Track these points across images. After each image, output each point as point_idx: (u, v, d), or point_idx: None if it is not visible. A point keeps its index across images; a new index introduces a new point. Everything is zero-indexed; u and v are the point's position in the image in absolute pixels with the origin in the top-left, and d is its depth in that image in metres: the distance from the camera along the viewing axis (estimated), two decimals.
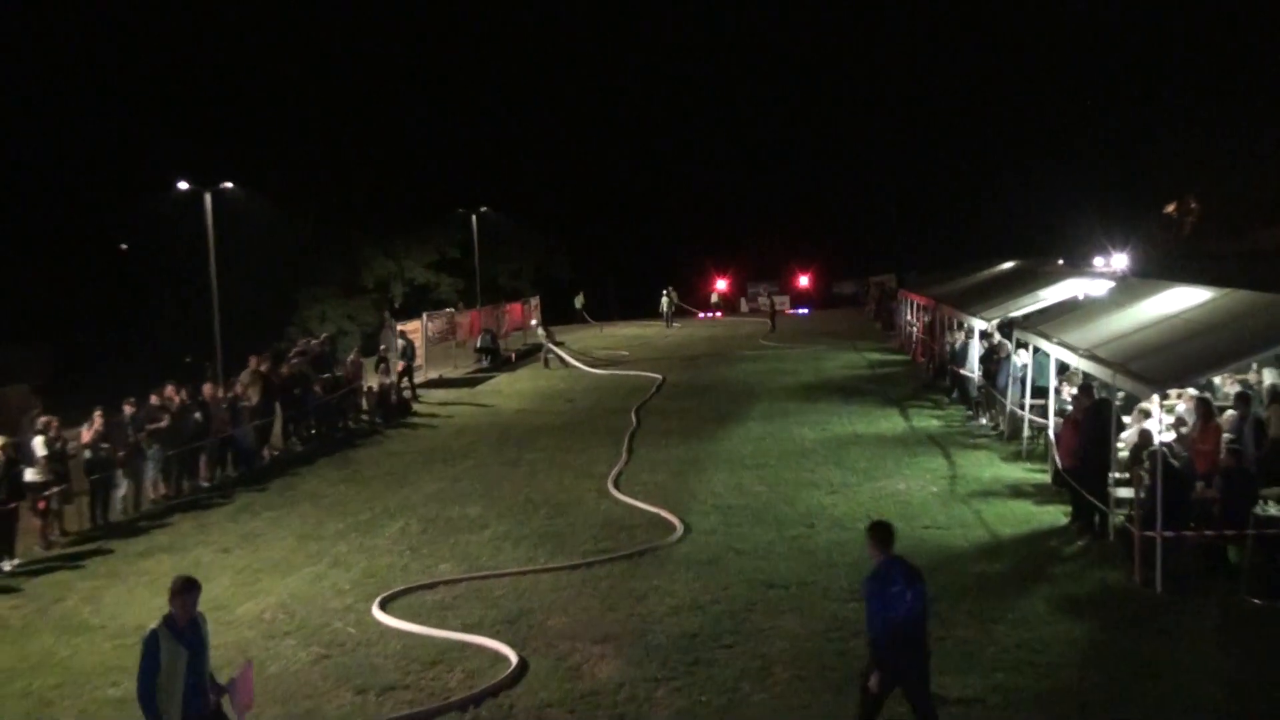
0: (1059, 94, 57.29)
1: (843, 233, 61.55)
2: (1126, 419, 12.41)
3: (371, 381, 22.22)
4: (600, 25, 71.65)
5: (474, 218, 45.26)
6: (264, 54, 50.48)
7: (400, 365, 23.22)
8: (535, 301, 41.69)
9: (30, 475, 12.93)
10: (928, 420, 18.58)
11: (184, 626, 5.91)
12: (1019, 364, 15.84)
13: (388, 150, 51.98)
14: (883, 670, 6.31)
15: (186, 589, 5.98)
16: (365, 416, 21.39)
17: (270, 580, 11.17)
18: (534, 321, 31.37)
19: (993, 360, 17.61)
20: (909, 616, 6.31)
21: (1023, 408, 15.34)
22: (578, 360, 29.61)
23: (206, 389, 16.69)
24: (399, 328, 27.03)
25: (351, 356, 22.77)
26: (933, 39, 67.35)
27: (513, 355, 30.88)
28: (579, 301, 48.86)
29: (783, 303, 51.10)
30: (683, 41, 74.31)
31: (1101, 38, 53.13)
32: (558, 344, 30.66)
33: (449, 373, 29.11)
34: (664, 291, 42.97)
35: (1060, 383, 14.24)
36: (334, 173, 48.51)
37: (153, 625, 5.98)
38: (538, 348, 35.89)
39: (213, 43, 51.09)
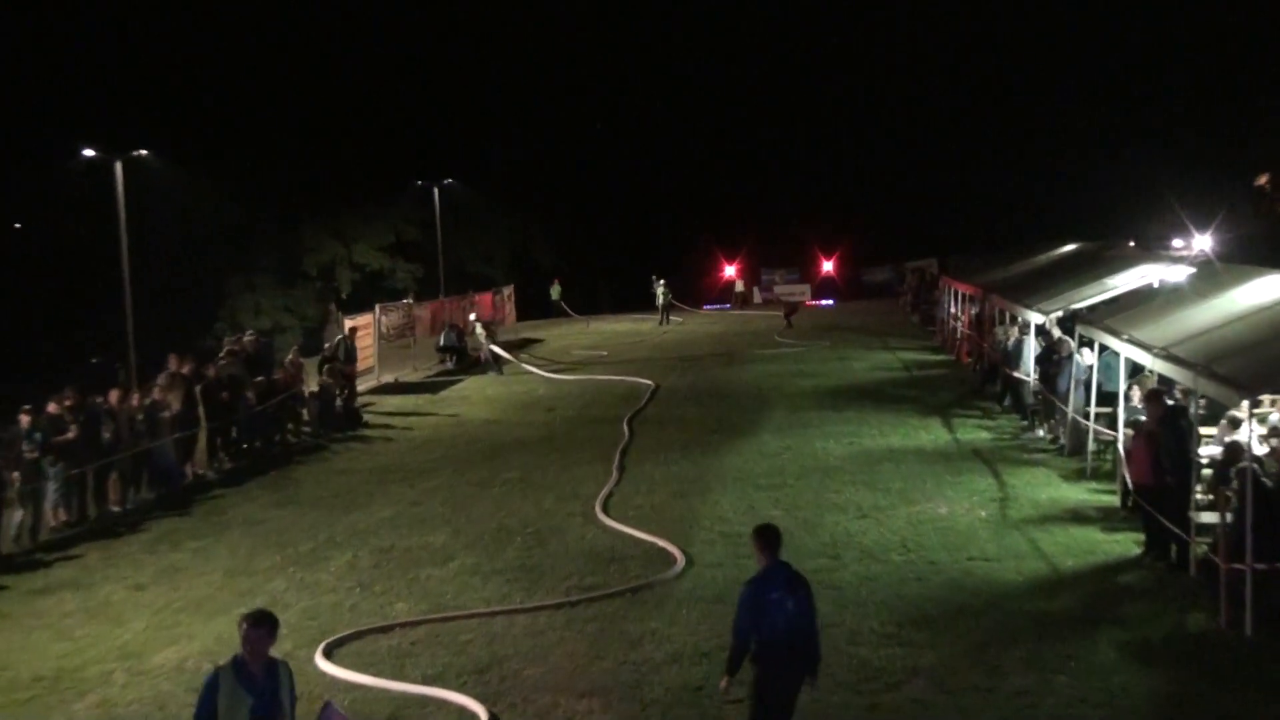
0: (1128, 49, 57.38)
1: (874, 210, 61.53)
2: (1211, 430, 12.43)
3: (314, 385, 22.17)
4: None
5: (436, 191, 45.28)
6: None
7: (349, 368, 23.16)
8: (509, 292, 41.75)
9: None
10: (975, 432, 18.61)
11: (255, 670, 5.94)
12: (1083, 365, 15.86)
13: (334, 112, 51.97)
14: (731, 676, 7.12)
15: (254, 624, 6.00)
16: (307, 428, 21.34)
17: (193, 622, 11.13)
18: (472, 317, 30.68)
19: (1051, 361, 17.63)
20: (791, 627, 6.94)
21: (1087, 417, 15.37)
22: (531, 364, 29.38)
23: (116, 395, 16.63)
24: (347, 323, 27.02)
25: (290, 356, 22.71)
26: None
27: (481, 355, 30.81)
28: (555, 292, 48.95)
29: (802, 293, 51.17)
30: None
31: None
32: (501, 345, 30.34)
33: (406, 376, 29.06)
34: (659, 282, 42.91)
35: (1131, 387, 14.26)
36: (270, 139, 48.45)
37: (219, 663, 6.06)
38: (516, 346, 35.88)
39: None
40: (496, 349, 29.47)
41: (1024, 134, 60.21)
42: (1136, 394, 14.03)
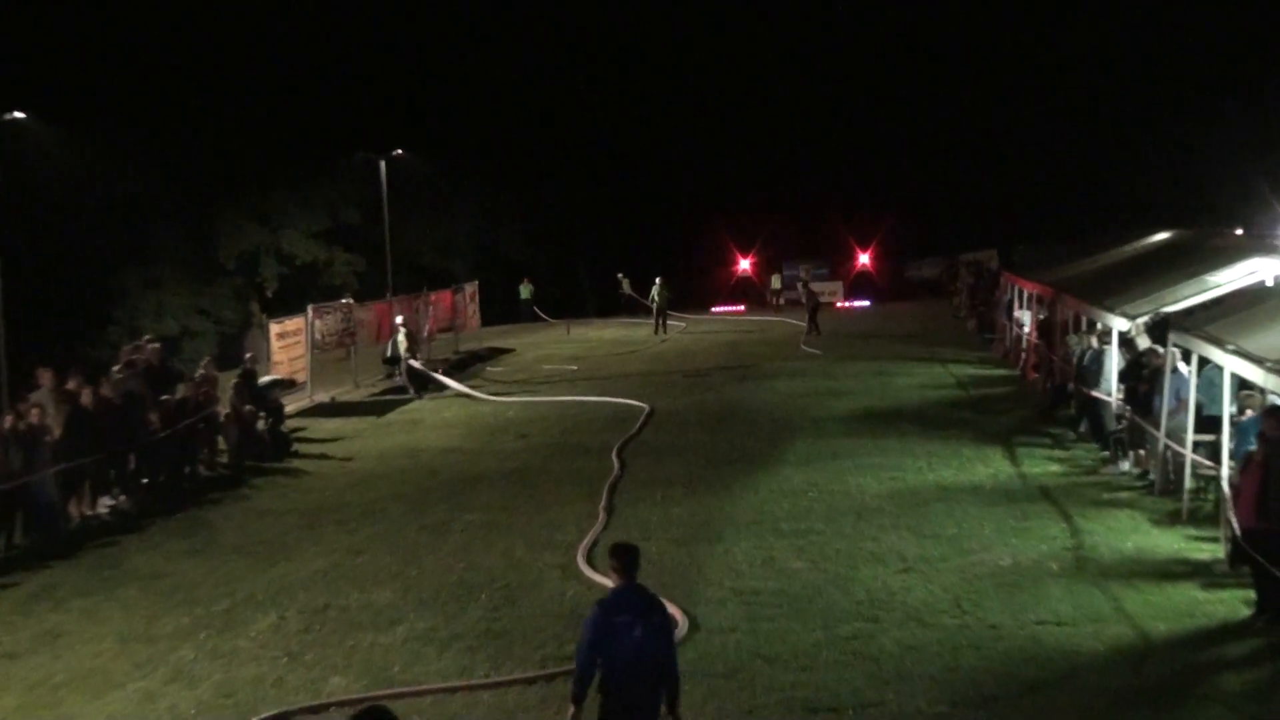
0: None
1: (920, 191, 61.65)
2: None
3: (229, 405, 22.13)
4: None
5: (383, 165, 45.27)
6: None
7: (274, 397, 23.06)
8: (472, 290, 41.73)
9: None
10: (1044, 465, 18.63)
11: None
12: (1180, 382, 15.88)
13: (257, 66, 51.86)
14: (577, 705, 7.86)
15: None
16: (223, 458, 21.30)
17: (78, 700, 11.07)
18: (399, 319, 30.42)
19: (1139, 377, 17.66)
20: (639, 653, 7.73)
21: (1184, 446, 15.37)
22: (473, 390, 28.97)
23: None
24: (272, 327, 26.99)
25: (202, 369, 22.68)
26: None
27: (440, 367, 30.81)
28: (525, 292, 49.13)
29: (833, 291, 51.25)
30: None
31: None
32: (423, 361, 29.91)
33: (345, 394, 29.03)
34: (655, 283, 42.92)
35: (1241, 411, 14.26)
36: (178, 99, 48.40)
37: None
38: (481, 357, 35.88)
39: None
40: (416, 364, 28.94)
41: (1104, 97, 60.24)
42: (1249, 416, 14.02)
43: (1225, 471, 13.65)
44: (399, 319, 30.14)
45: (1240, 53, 55.65)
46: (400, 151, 47.37)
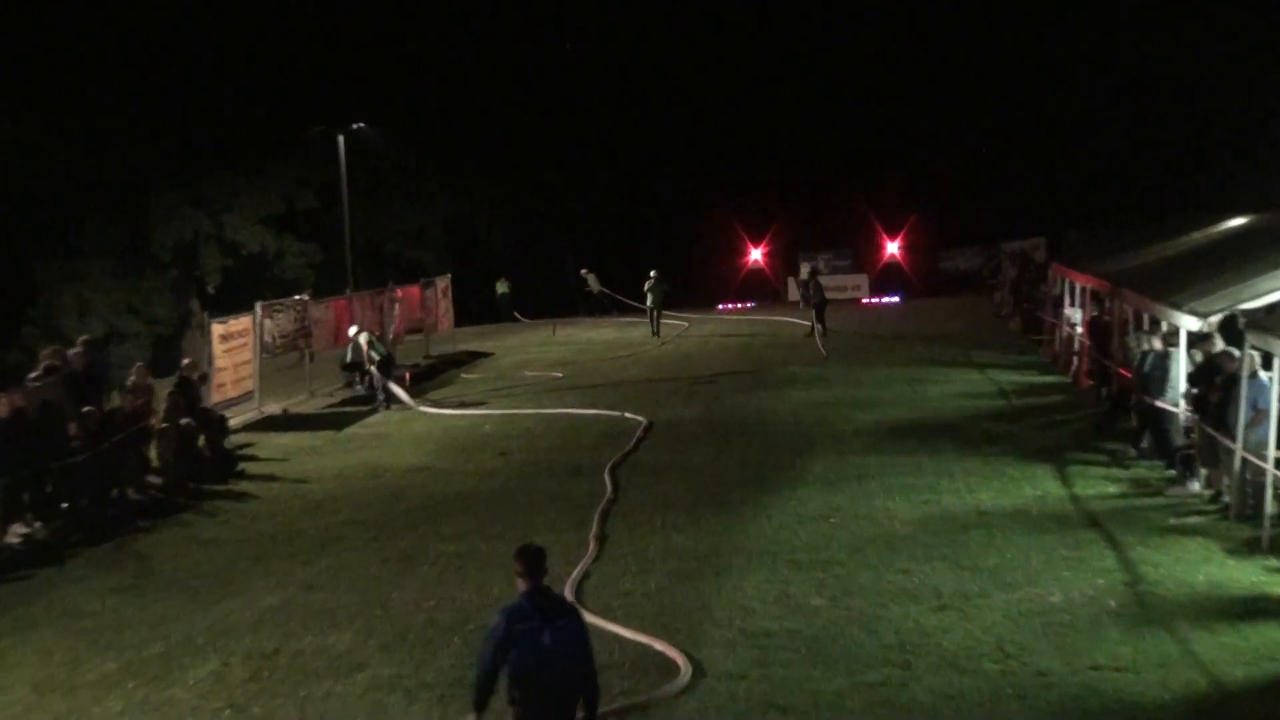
0: None
1: (957, 172, 61.60)
2: None
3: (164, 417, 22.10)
4: None
5: (341, 140, 45.22)
6: None
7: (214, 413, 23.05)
8: (444, 284, 41.69)
9: None
10: (1099, 485, 18.61)
11: None
12: (1262, 387, 15.85)
13: (196, 29, 51.87)
14: (475, 710, 8.55)
15: None
16: (158, 479, 21.24)
17: None
18: (352, 330, 29.98)
19: (1212, 383, 17.63)
20: (548, 661, 8.27)
21: (1265, 463, 15.34)
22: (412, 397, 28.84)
23: None
24: (214, 328, 26.90)
25: (134, 377, 22.63)
26: None
27: (406, 374, 30.78)
28: (502, 288, 49.19)
29: (856, 285, 51.28)
30: None
31: None
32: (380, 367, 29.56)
33: (299, 405, 28.99)
34: (648, 276, 42.91)
35: None
36: (102, 65, 48.35)
37: None
38: (455, 362, 35.87)
39: None
40: (373, 369, 28.72)
41: (1166, 63, 60.10)
42: None
43: None
44: (353, 330, 29.72)
45: None
46: (362, 125, 47.25)
